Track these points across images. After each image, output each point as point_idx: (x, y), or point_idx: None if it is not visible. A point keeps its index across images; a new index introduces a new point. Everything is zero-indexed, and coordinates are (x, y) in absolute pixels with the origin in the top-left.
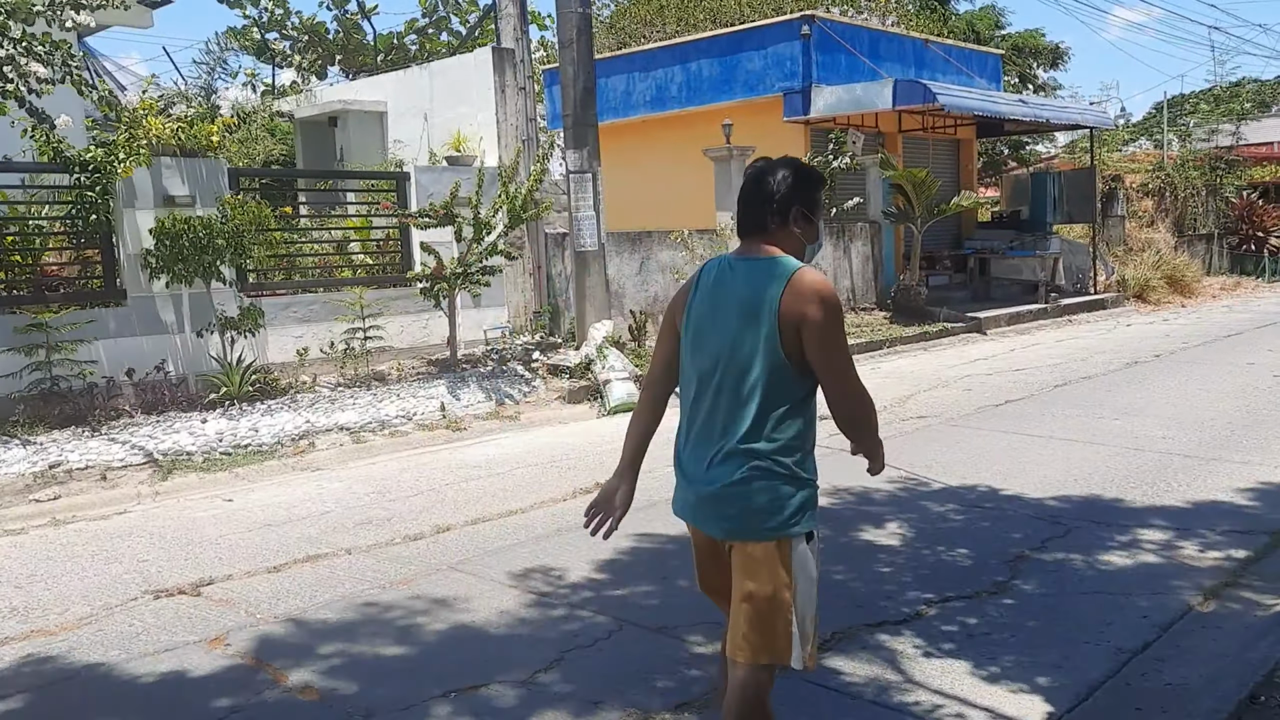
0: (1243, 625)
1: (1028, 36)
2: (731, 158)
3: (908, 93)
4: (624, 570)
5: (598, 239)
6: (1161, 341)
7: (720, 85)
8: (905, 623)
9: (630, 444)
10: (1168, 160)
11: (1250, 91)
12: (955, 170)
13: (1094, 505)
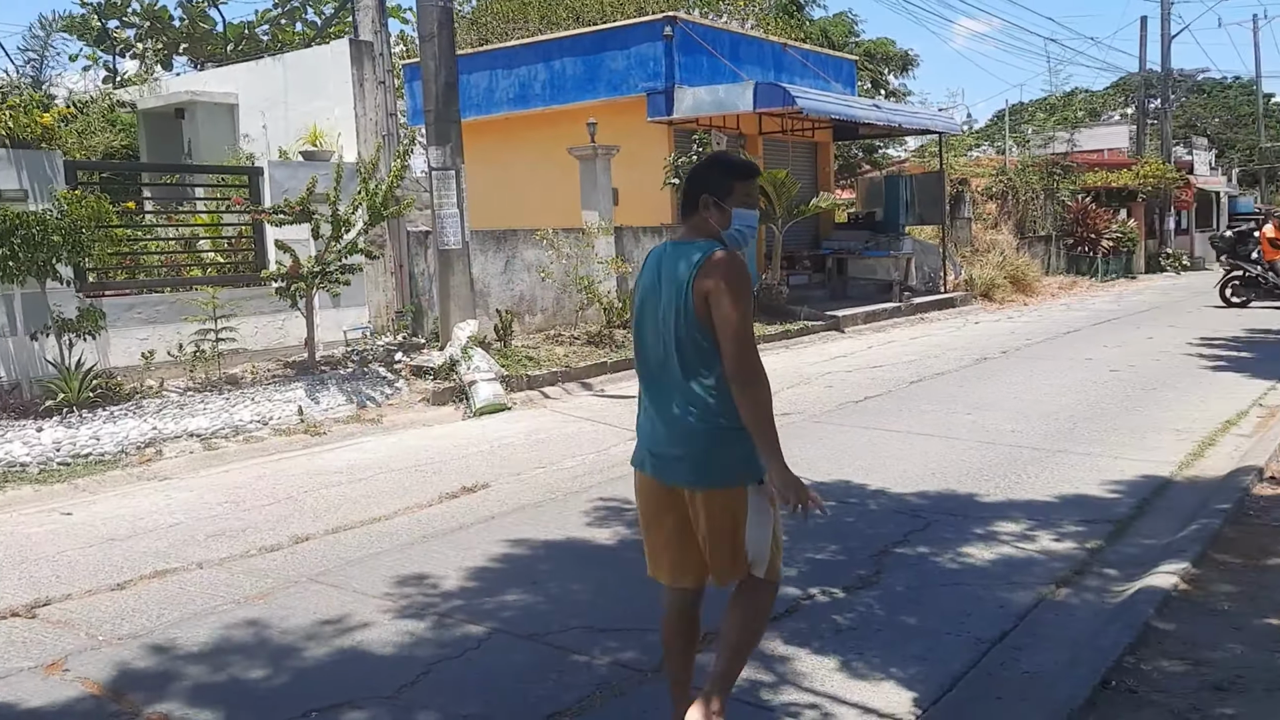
0: (1093, 612)
1: (879, 44)
2: (596, 156)
3: (768, 95)
4: (494, 577)
5: (462, 237)
6: (1007, 338)
7: (584, 84)
8: (775, 621)
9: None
10: (1010, 165)
11: (1082, 101)
12: (813, 172)
13: (952, 498)
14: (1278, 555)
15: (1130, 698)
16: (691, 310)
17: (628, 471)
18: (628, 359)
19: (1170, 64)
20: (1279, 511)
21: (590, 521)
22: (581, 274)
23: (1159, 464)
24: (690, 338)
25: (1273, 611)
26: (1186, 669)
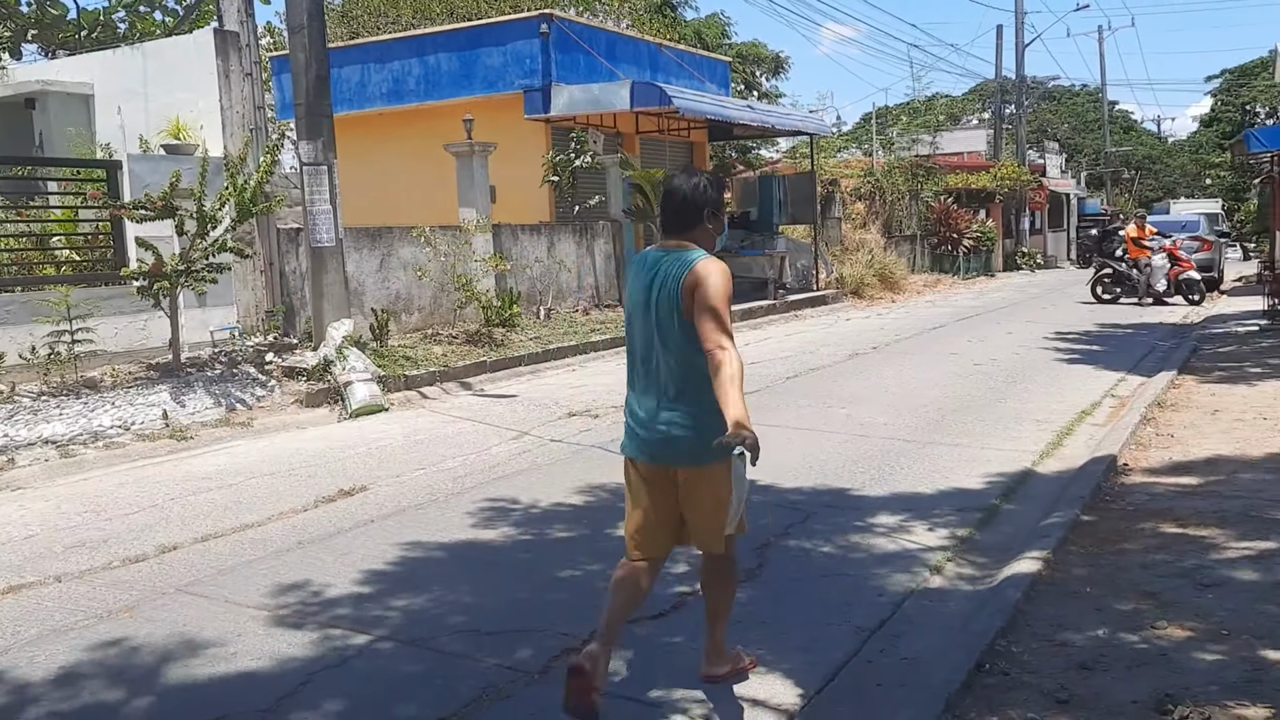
0: (965, 598)
1: (751, 46)
2: (473, 153)
3: (645, 95)
4: (376, 582)
5: (335, 234)
6: (878, 334)
7: (460, 80)
8: (662, 617)
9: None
10: (877, 167)
11: (943, 106)
12: None
13: (830, 491)
14: (1132, 539)
15: (1003, 679)
16: (677, 303)
17: (511, 471)
18: (508, 358)
19: (1024, 71)
20: (1132, 497)
21: (475, 523)
22: (459, 272)
23: (1022, 453)
24: (681, 332)
25: (1130, 593)
26: (1054, 650)
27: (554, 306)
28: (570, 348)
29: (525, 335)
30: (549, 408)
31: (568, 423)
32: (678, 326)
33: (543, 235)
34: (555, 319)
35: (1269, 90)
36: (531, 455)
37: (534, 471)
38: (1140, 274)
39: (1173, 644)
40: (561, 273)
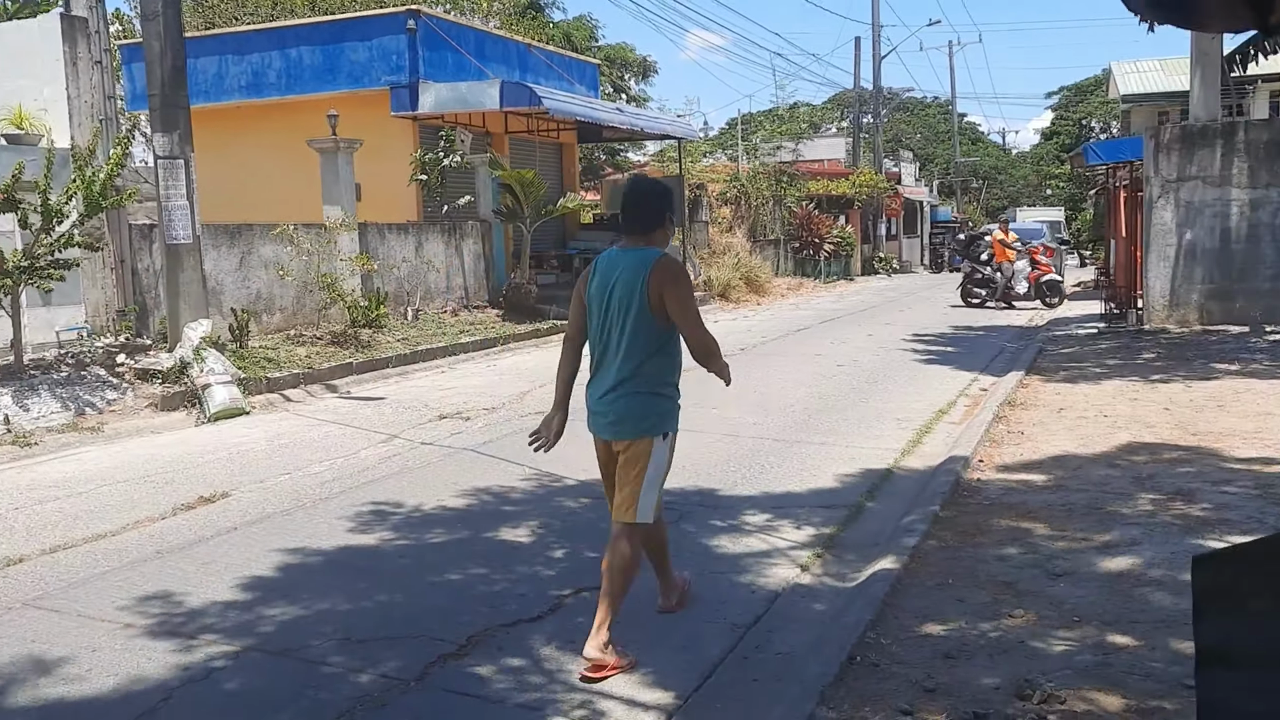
0: (835, 593)
1: (619, 49)
2: (339, 150)
3: (514, 94)
4: (242, 592)
5: (192, 231)
6: (745, 336)
7: (323, 75)
8: (541, 619)
9: (560, 385)
10: (742, 172)
11: (805, 114)
12: (559, 173)
13: (701, 491)
14: (989, 533)
15: (874, 670)
16: (646, 301)
17: (382, 475)
18: (375, 359)
19: (881, 82)
20: (988, 493)
21: (345, 528)
22: (324, 272)
23: (885, 451)
24: (640, 323)
25: (989, 584)
26: (920, 641)
27: (422, 307)
28: (439, 349)
29: (392, 336)
30: (419, 410)
31: (439, 425)
32: (631, 319)
33: (410, 235)
34: (423, 320)
35: (1103, 107)
36: (402, 459)
37: (406, 475)
38: (1003, 277)
39: (1029, 632)
40: (430, 273)
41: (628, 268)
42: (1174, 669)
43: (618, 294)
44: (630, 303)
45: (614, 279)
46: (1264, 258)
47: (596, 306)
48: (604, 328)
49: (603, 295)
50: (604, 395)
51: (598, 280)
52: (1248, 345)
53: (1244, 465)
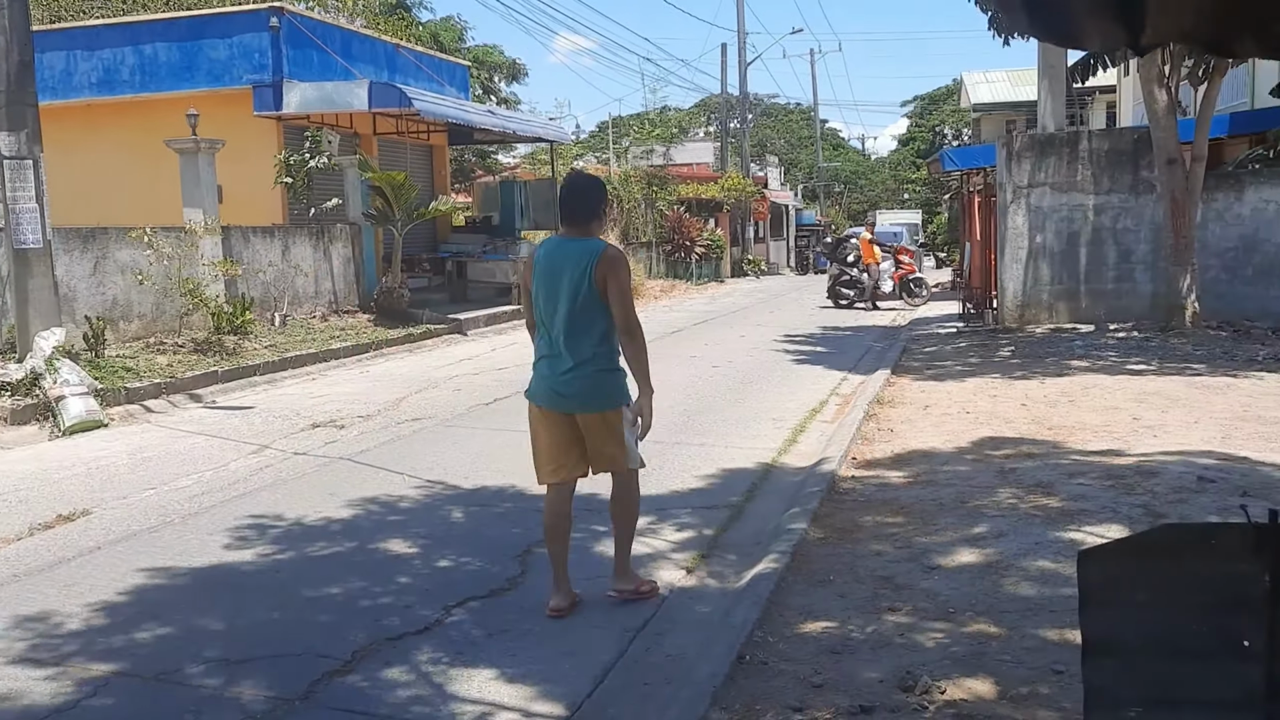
0: (721, 593)
1: (487, 51)
2: (199, 150)
3: (383, 95)
4: (111, 614)
5: (42, 235)
6: None
7: (181, 72)
8: (428, 631)
9: None
10: (614, 175)
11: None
12: (429, 175)
13: (585, 495)
14: (865, 529)
15: (763, 669)
16: (594, 288)
17: (254, 488)
18: (242, 367)
19: (747, 88)
20: (861, 490)
21: (218, 544)
22: (186, 276)
23: (762, 451)
24: (589, 308)
25: (868, 579)
26: (805, 638)
27: (290, 313)
28: (309, 356)
29: (260, 343)
30: (290, 419)
31: (312, 434)
32: (580, 303)
33: (277, 238)
34: (292, 326)
35: (955, 114)
36: (275, 470)
37: (280, 487)
38: (870, 278)
39: (908, 624)
40: (298, 277)
41: (575, 256)
42: (1043, 656)
43: (567, 280)
44: (580, 288)
45: (561, 266)
46: (1107, 259)
47: (545, 292)
48: (554, 311)
49: (552, 281)
50: (565, 374)
51: (543, 267)
52: (1094, 343)
53: (1096, 457)
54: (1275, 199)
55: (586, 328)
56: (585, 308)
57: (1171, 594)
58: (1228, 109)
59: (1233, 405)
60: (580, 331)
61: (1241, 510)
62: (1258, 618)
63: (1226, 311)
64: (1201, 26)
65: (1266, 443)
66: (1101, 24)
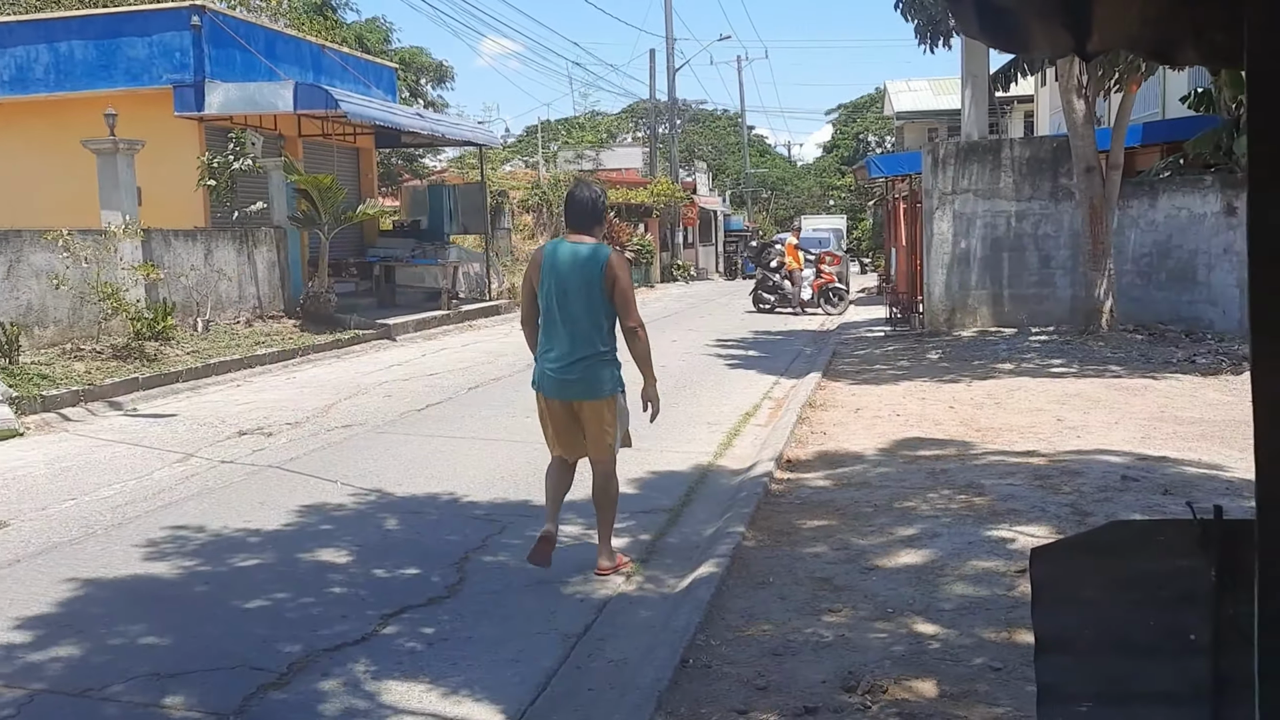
0: (661, 598)
1: (414, 53)
2: (118, 151)
3: (309, 97)
4: (31, 630)
5: None
6: None
7: (98, 71)
8: (365, 641)
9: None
10: (543, 180)
11: (605, 124)
12: (356, 178)
13: (523, 501)
14: (803, 531)
15: (706, 672)
16: (601, 286)
17: (180, 498)
18: (164, 374)
19: (676, 94)
20: (798, 492)
21: (143, 556)
22: (105, 281)
23: (698, 454)
24: (597, 304)
25: (807, 581)
26: (748, 640)
27: (213, 318)
28: (234, 361)
29: (182, 349)
30: (216, 427)
31: (239, 442)
32: (589, 301)
33: (199, 241)
34: (215, 331)
35: (878, 122)
36: (201, 479)
37: (206, 496)
38: (793, 285)
39: (848, 625)
40: (221, 282)
41: (583, 258)
42: (980, 653)
43: (575, 280)
44: (590, 287)
45: (570, 267)
46: (1029, 265)
47: (555, 290)
48: (562, 307)
49: (561, 281)
50: (572, 364)
51: (552, 268)
52: (1018, 346)
53: (1022, 458)
54: (1187, 206)
55: (594, 323)
56: (594, 305)
57: (1121, 590)
58: (1141, 119)
59: (1150, 406)
60: (588, 326)
61: (1187, 507)
62: (1204, 612)
63: (1142, 315)
64: (1145, 34)
65: (1184, 442)
66: (1050, 31)
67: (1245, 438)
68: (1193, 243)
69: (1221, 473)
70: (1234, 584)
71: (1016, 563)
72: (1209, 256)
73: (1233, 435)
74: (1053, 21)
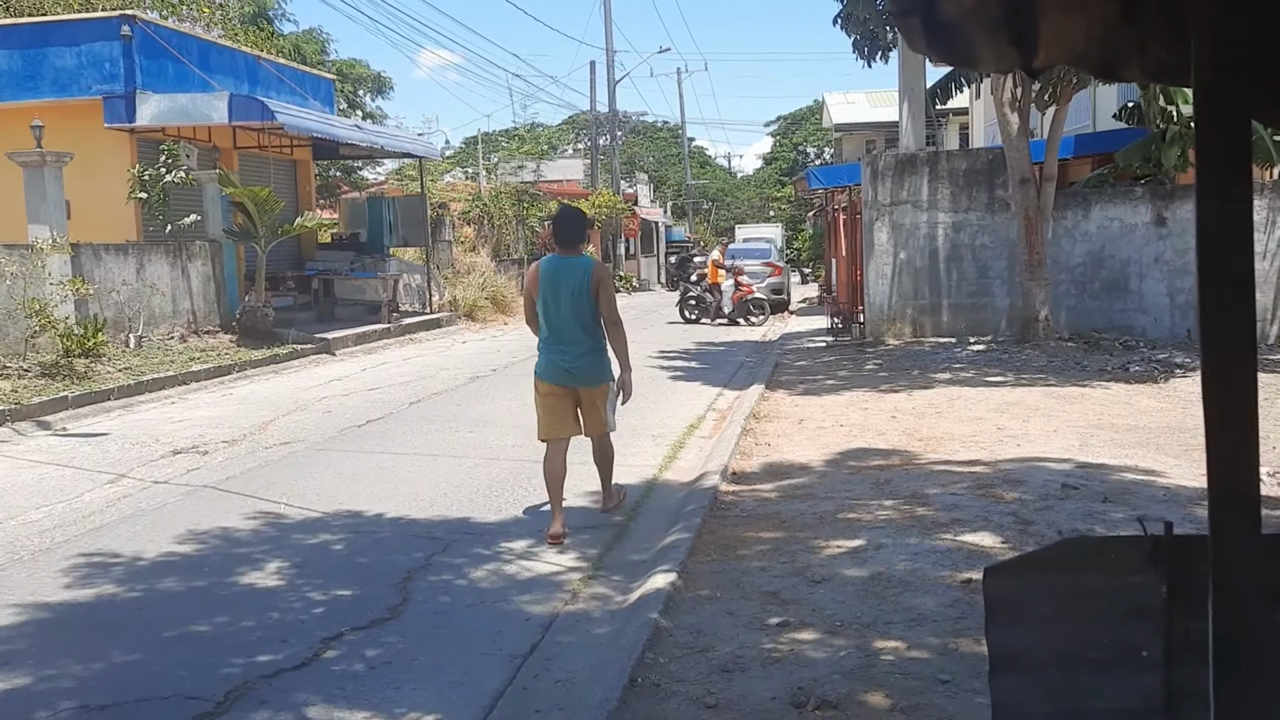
0: (609, 614)
1: (351, 64)
2: (45, 164)
3: (245, 108)
4: None
5: None
6: (495, 356)
7: (24, 82)
8: (305, 666)
9: None
10: (484, 192)
11: (546, 136)
12: (294, 191)
13: (465, 519)
14: (749, 545)
15: (655, 691)
16: (589, 293)
17: (111, 520)
18: (94, 392)
19: (616, 106)
20: (743, 505)
21: (71, 582)
22: (32, 297)
23: (644, 467)
24: (587, 309)
25: (755, 595)
26: (697, 657)
27: (146, 334)
28: (168, 378)
29: (114, 366)
30: (149, 446)
31: (173, 462)
32: (584, 306)
33: (131, 256)
34: (149, 347)
35: (817, 134)
36: (134, 500)
37: (139, 518)
38: (714, 298)
39: (797, 640)
40: (154, 297)
41: (574, 270)
42: (929, 666)
43: (568, 289)
44: (581, 294)
45: (563, 278)
46: (966, 275)
47: (551, 298)
48: (559, 312)
49: (556, 289)
50: (576, 357)
51: (548, 279)
52: (956, 356)
53: (965, 467)
54: (1119, 217)
55: (586, 323)
56: (584, 308)
57: (1074, 607)
58: (1073, 131)
59: (1087, 414)
60: (581, 326)
61: (1138, 522)
62: (1156, 628)
63: (1077, 324)
64: (1090, 52)
65: (1121, 449)
66: (997, 49)
67: (1179, 444)
68: (1125, 252)
69: (1158, 479)
70: (1185, 599)
71: (962, 572)
72: (1140, 266)
73: (1167, 442)
74: (999, 39)
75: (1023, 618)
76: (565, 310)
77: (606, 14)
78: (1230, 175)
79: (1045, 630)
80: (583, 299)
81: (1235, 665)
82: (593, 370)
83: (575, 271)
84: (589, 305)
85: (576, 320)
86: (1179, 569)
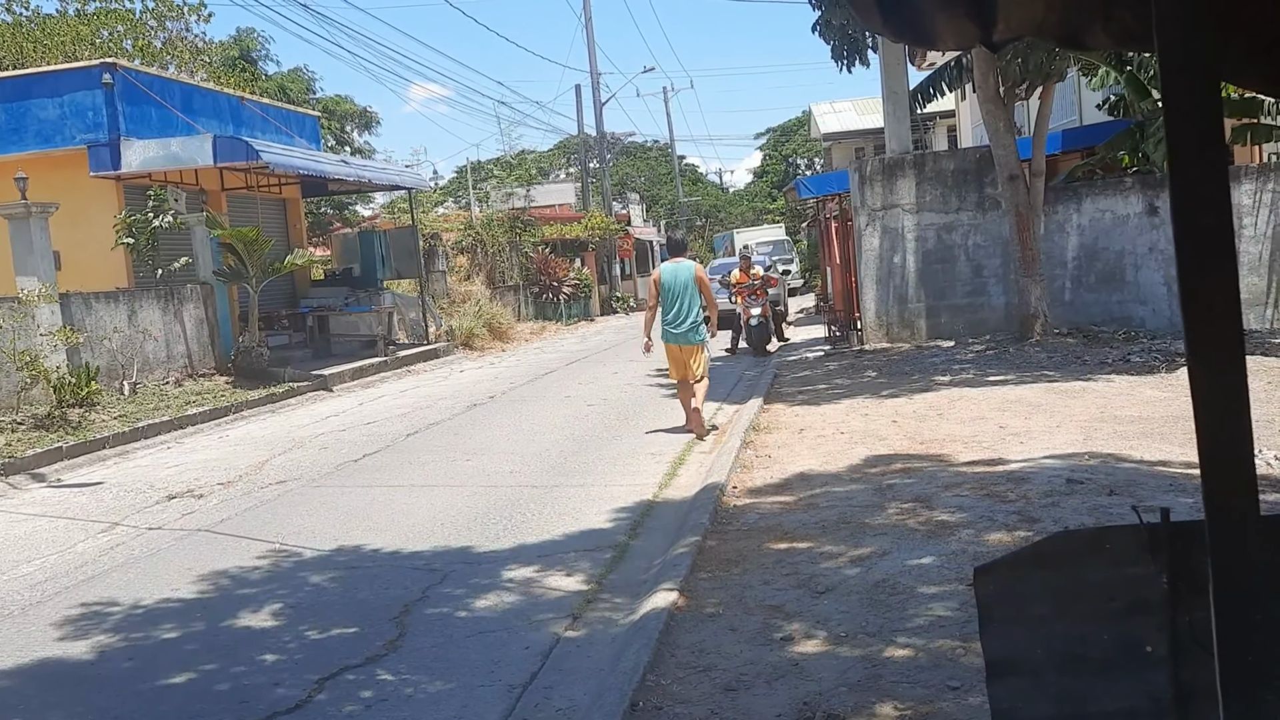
0: (609, 639)
1: (337, 101)
2: (31, 215)
3: (229, 150)
4: None
5: None
6: (493, 384)
7: (8, 134)
8: (300, 709)
9: (648, 328)
10: (476, 220)
11: (534, 160)
12: (284, 229)
13: (464, 548)
14: (751, 558)
15: (658, 714)
16: (695, 284)
17: (103, 570)
18: (89, 441)
19: (604, 128)
20: (745, 518)
21: (62, 635)
22: (22, 349)
23: (643, 486)
24: (693, 295)
25: (758, 609)
26: (700, 676)
27: (140, 380)
28: (164, 424)
29: (108, 414)
30: (143, 492)
31: (167, 507)
32: (693, 293)
33: (122, 302)
34: (143, 393)
35: (806, 145)
36: (127, 548)
37: (132, 566)
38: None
39: (802, 653)
40: (147, 342)
41: (684, 270)
42: (937, 673)
43: (682, 282)
44: (690, 286)
45: (679, 275)
46: (960, 275)
47: (670, 289)
48: (678, 298)
49: (674, 281)
50: (686, 329)
51: (669, 277)
52: (955, 357)
53: (968, 468)
54: (1110, 209)
55: (693, 305)
56: (692, 295)
57: (1070, 604)
58: (1060, 126)
59: (1089, 408)
60: (690, 308)
61: (1133, 511)
62: (1159, 621)
63: (1075, 318)
64: (1051, 19)
65: (1125, 441)
66: (954, 22)
67: (1185, 433)
68: (1119, 244)
69: (1165, 469)
70: (1188, 589)
71: (968, 576)
72: (1135, 256)
73: (1172, 431)
74: (955, 11)
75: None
76: (681, 296)
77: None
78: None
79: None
80: (693, 289)
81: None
82: (694, 334)
83: (685, 270)
84: (695, 293)
85: (688, 303)
86: (1180, 557)
